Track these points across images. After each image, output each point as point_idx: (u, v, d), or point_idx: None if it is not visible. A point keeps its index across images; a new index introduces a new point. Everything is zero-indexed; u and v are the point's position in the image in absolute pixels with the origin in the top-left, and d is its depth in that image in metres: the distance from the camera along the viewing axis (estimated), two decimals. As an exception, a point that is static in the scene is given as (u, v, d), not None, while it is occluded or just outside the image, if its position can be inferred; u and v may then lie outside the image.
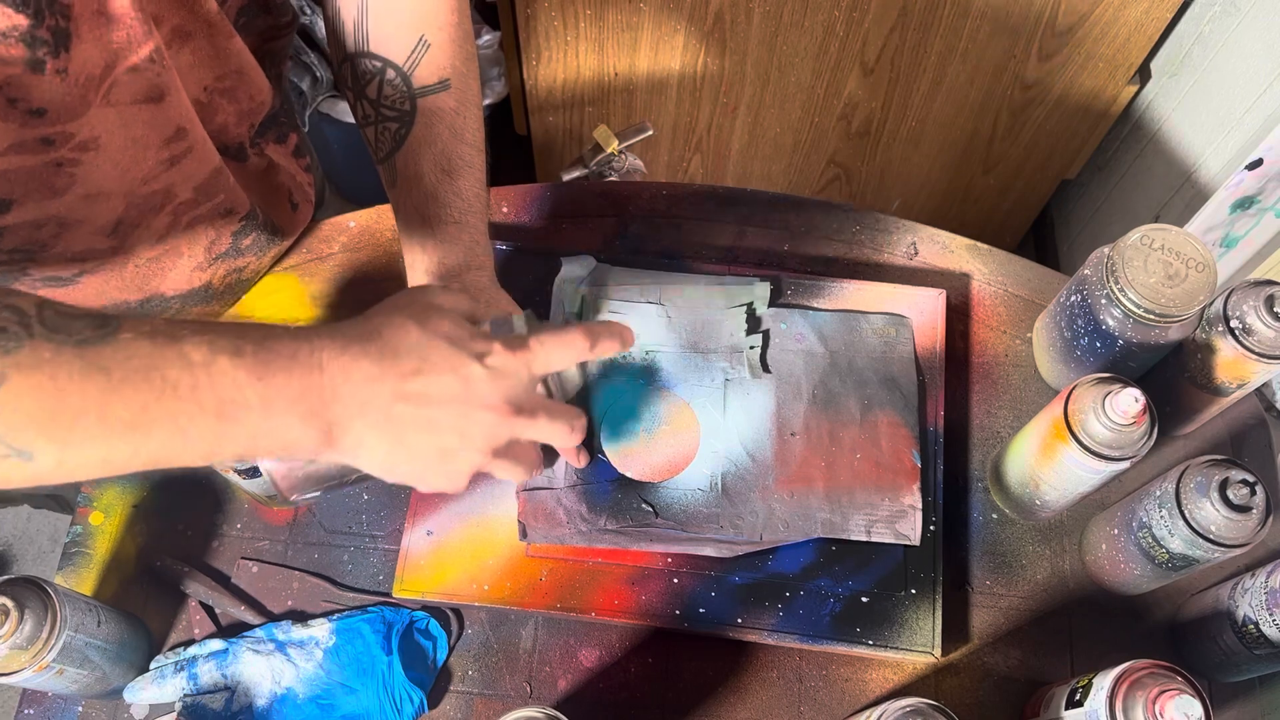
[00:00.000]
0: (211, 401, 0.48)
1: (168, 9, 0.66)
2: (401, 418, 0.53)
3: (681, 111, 1.58)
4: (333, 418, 0.51)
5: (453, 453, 0.56)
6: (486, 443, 0.56)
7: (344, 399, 0.51)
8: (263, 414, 0.49)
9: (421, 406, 0.53)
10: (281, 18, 0.85)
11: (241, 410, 0.48)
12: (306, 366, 0.50)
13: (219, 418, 0.48)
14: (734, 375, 0.84)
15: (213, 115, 0.76)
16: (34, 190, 0.63)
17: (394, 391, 0.53)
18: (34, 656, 0.64)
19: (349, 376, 0.51)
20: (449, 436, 0.55)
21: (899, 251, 0.93)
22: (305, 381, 0.50)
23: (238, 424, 0.49)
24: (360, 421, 0.52)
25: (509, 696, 0.77)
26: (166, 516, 0.82)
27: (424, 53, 0.73)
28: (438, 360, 0.54)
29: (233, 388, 0.48)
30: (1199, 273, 0.73)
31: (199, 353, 0.47)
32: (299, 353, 0.50)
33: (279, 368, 0.49)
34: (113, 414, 0.46)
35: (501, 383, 0.55)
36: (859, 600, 0.77)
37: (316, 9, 1.55)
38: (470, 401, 0.54)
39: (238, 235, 0.82)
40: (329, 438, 0.52)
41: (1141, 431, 0.69)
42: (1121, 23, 1.37)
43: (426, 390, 0.53)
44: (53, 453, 0.46)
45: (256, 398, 0.49)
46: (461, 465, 0.57)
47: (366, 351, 0.52)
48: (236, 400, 0.48)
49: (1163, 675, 0.63)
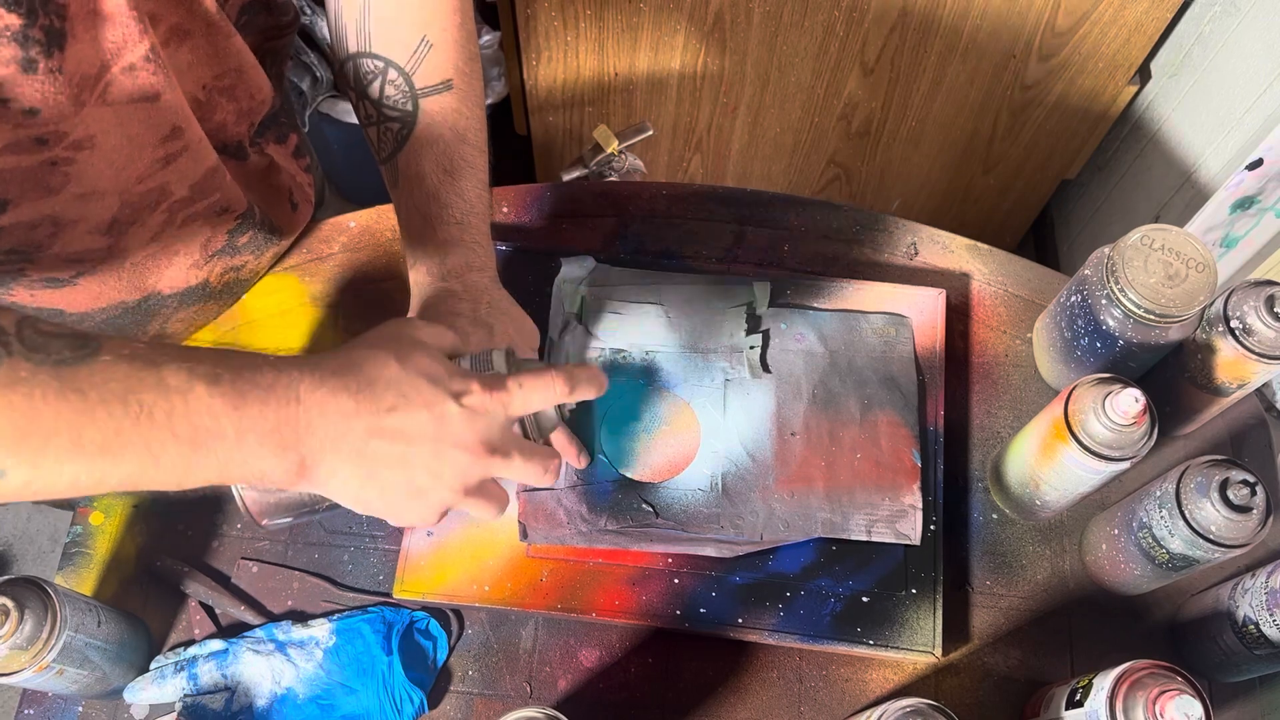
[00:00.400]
0: (186, 429, 0.48)
1: (165, 7, 0.66)
2: (375, 454, 0.53)
3: (681, 111, 1.58)
4: (306, 451, 0.51)
5: (424, 490, 0.56)
6: (459, 481, 0.57)
7: (319, 433, 0.51)
8: (236, 444, 0.49)
9: (396, 443, 0.53)
10: (283, 17, 0.85)
11: (215, 439, 0.48)
12: (283, 398, 0.50)
13: (192, 446, 0.48)
14: (734, 375, 0.84)
15: (212, 113, 0.76)
16: (29, 190, 0.63)
17: (369, 427, 0.53)
18: (34, 657, 0.64)
19: (325, 410, 0.51)
20: (421, 474, 0.55)
21: (899, 251, 0.93)
22: (281, 414, 0.50)
23: (210, 453, 0.49)
24: (334, 456, 0.52)
25: (509, 696, 0.77)
26: (166, 516, 0.82)
27: (426, 53, 0.73)
28: (415, 398, 0.54)
29: (208, 416, 0.48)
30: (1199, 273, 0.73)
31: (176, 379, 0.47)
32: (277, 384, 0.50)
33: (255, 398, 0.49)
34: (86, 436, 0.46)
35: (477, 422, 0.56)
36: (859, 600, 0.77)
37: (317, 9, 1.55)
38: (444, 440, 0.55)
39: (234, 233, 0.81)
40: (301, 470, 0.52)
41: (1141, 432, 0.69)
42: (1121, 23, 1.36)
43: (402, 427, 0.53)
44: (23, 472, 0.46)
45: (231, 427, 0.49)
46: (432, 502, 0.57)
47: (345, 386, 0.52)
48: (211, 429, 0.48)
49: (1163, 675, 0.63)
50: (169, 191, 0.73)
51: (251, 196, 0.83)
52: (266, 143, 0.85)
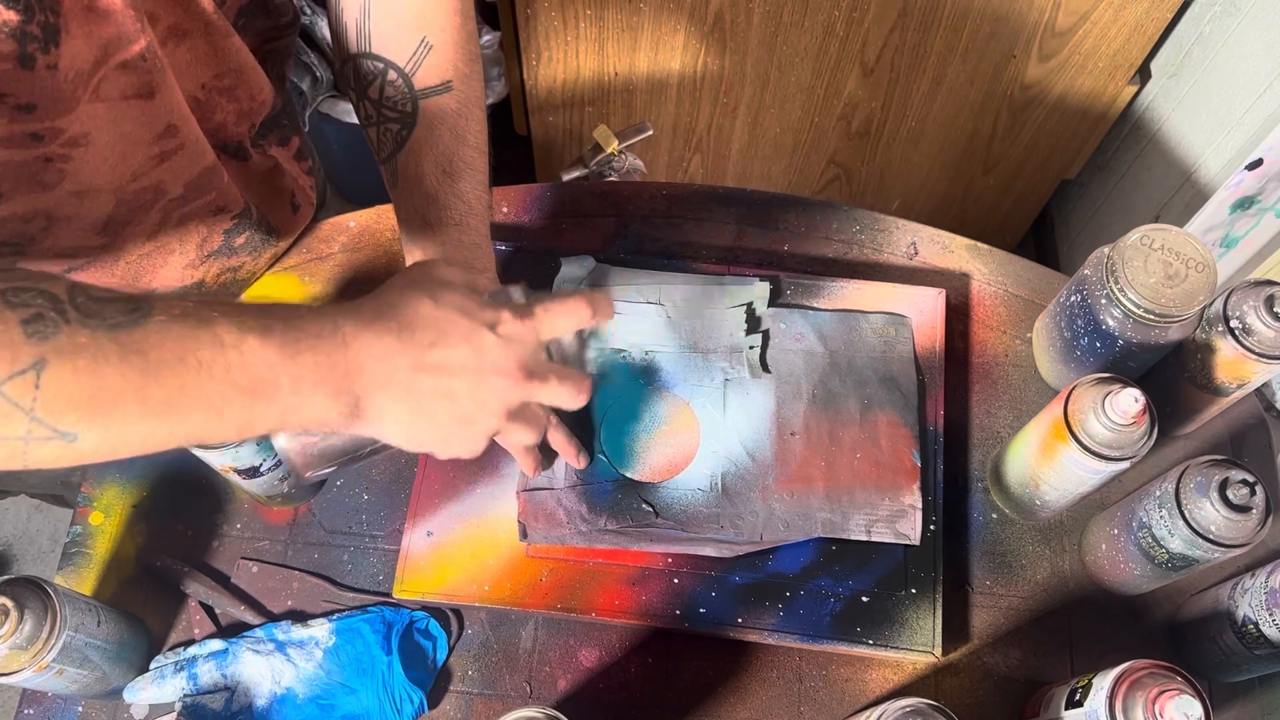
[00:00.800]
0: (245, 381, 0.49)
1: (163, 7, 0.66)
2: (422, 388, 0.55)
3: (681, 111, 1.58)
4: (359, 391, 0.53)
5: (471, 418, 0.58)
6: (501, 406, 0.59)
7: (368, 373, 0.53)
8: (293, 391, 0.51)
9: (440, 376, 0.56)
10: (281, 18, 0.85)
11: (273, 389, 0.50)
12: (332, 344, 0.52)
13: (252, 397, 0.50)
14: (734, 375, 0.84)
15: (211, 113, 0.76)
16: (22, 184, 0.63)
17: (414, 363, 0.55)
18: (34, 656, 0.64)
19: (372, 352, 0.53)
20: (467, 403, 0.57)
21: (899, 251, 0.93)
22: (332, 359, 0.52)
23: (270, 402, 0.50)
24: (384, 394, 0.54)
25: (509, 696, 0.77)
26: (166, 516, 0.82)
27: (426, 54, 0.73)
28: (453, 332, 0.56)
29: (264, 367, 0.50)
30: (1199, 273, 0.73)
31: (230, 334, 0.49)
32: (324, 331, 0.52)
33: (306, 346, 0.51)
34: (151, 396, 0.47)
35: (513, 349, 0.58)
36: (859, 600, 0.77)
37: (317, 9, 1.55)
38: (484, 369, 0.57)
39: (230, 233, 0.81)
40: (355, 411, 0.54)
41: (1141, 431, 0.69)
42: (1121, 23, 1.37)
43: (444, 361, 0.56)
44: (95, 434, 0.47)
45: (287, 376, 0.50)
46: (479, 429, 0.59)
47: (387, 327, 0.54)
48: (268, 379, 0.50)
49: (1163, 675, 0.63)
50: (164, 190, 0.73)
51: (252, 197, 0.83)
52: (269, 145, 0.85)
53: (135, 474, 0.83)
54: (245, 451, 0.71)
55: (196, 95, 0.73)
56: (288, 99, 0.88)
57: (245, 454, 0.71)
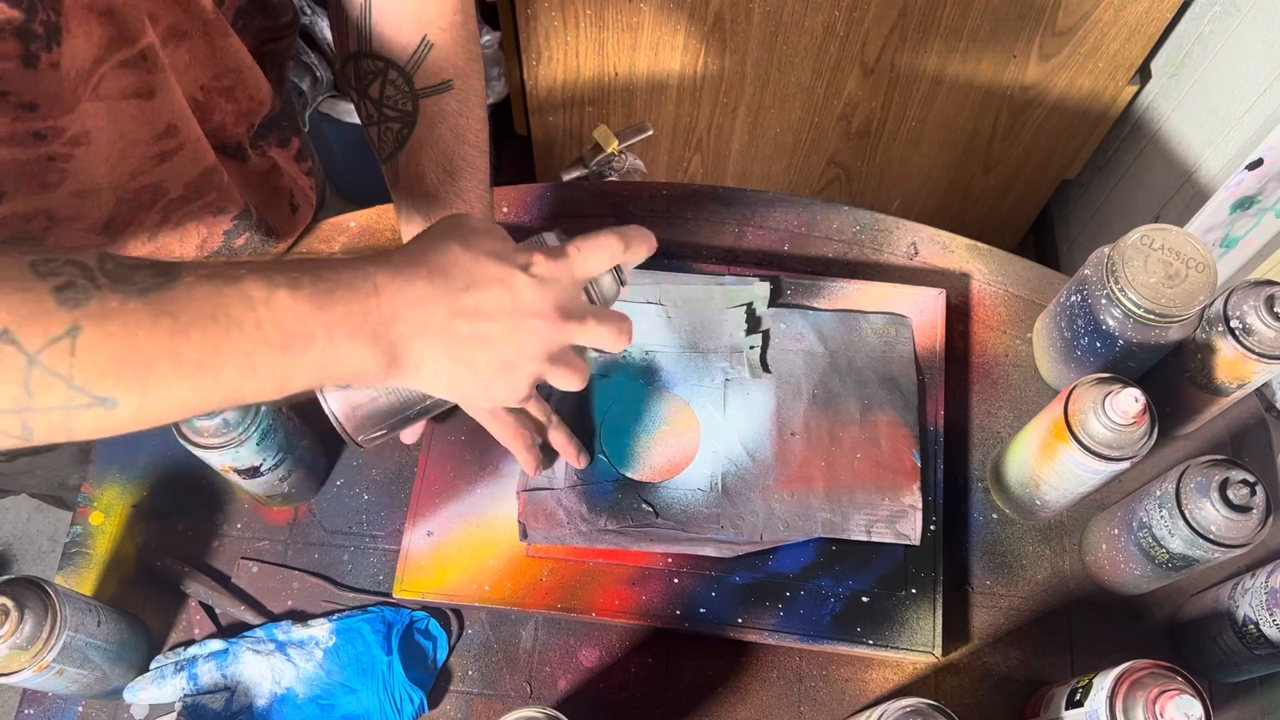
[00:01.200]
0: (277, 336, 0.48)
1: (162, 8, 0.66)
2: (459, 334, 0.54)
3: (681, 111, 1.58)
4: (395, 339, 0.52)
5: (512, 363, 0.57)
6: (542, 349, 0.58)
7: (403, 320, 0.53)
8: (328, 342, 0.50)
9: (477, 320, 0.55)
10: (280, 19, 0.85)
11: (306, 341, 0.49)
12: (364, 292, 0.51)
13: (286, 351, 0.49)
14: (734, 375, 0.84)
15: (210, 114, 0.76)
16: (25, 184, 0.63)
17: (449, 309, 0.54)
18: (34, 656, 0.64)
19: (406, 298, 0.52)
20: (506, 347, 0.56)
21: (899, 251, 0.93)
22: (364, 306, 0.51)
23: (304, 355, 0.50)
24: (420, 341, 0.53)
25: (509, 696, 0.77)
26: (166, 516, 0.82)
27: (426, 53, 0.73)
28: (486, 275, 0.55)
29: (295, 320, 0.49)
30: (1199, 273, 0.73)
31: (259, 290, 0.48)
32: (355, 280, 0.51)
33: (338, 297, 0.50)
34: (185, 357, 0.47)
35: (548, 290, 0.57)
36: (859, 600, 0.77)
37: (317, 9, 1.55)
38: (521, 311, 0.56)
39: (230, 235, 0.81)
40: (393, 360, 0.53)
41: (1141, 431, 0.69)
42: (1121, 23, 1.37)
43: (479, 305, 0.55)
44: (133, 399, 0.47)
45: (320, 327, 0.50)
46: (522, 375, 0.58)
47: (418, 273, 0.53)
48: (301, 332, 0.49)
49: (1163, 675, 0.63)
50: (164, 190, 0.73)
51: (251, 198, 0.83)
52: (269, 145, 0.85)
53: (135, 474, 0.83)
54: (245, 451, 0.71)
55: (195, 96, 0.73)
56: (287, 100, 0.88)
57: (245, 454, 0.71)
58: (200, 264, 0.49)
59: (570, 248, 0.59)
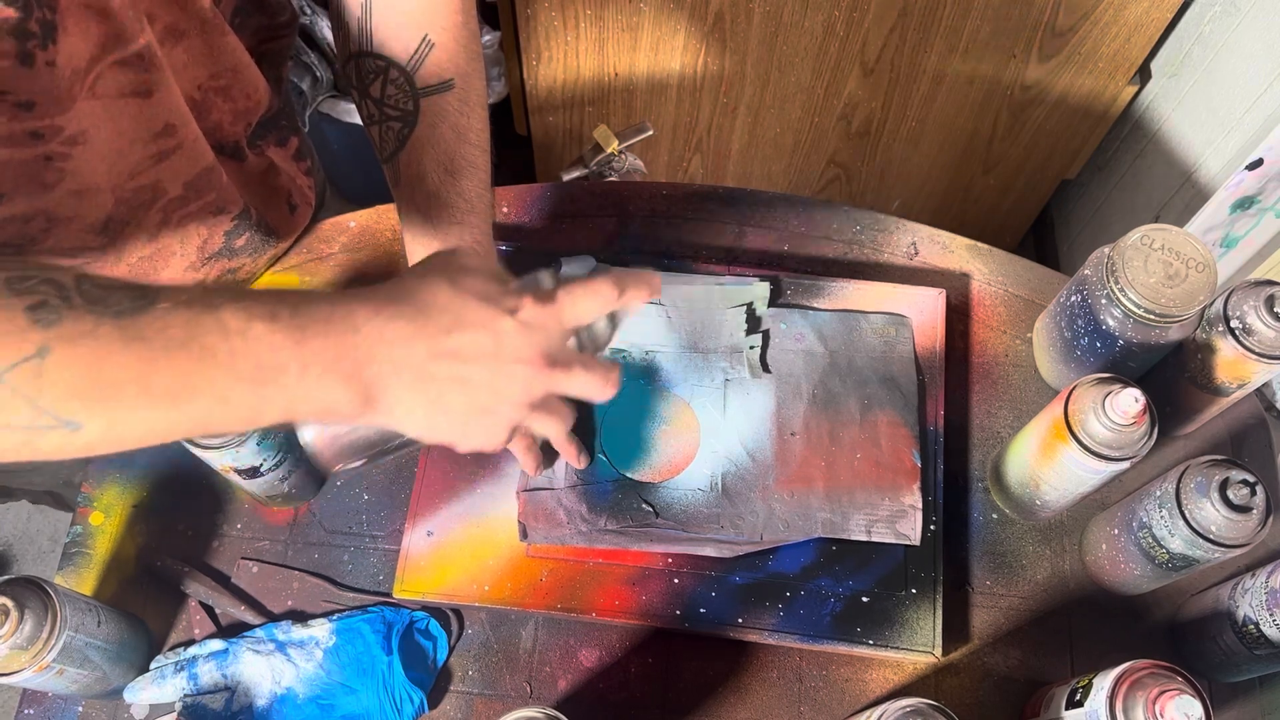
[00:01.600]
0: (249, 367, 0.48)
1: (160, 7, 0.66)
2: (437, 375, 0.54)
3: (681, 111, 1.58)
4: (370, 378, 0.52)
5: (490, 408, 0.56)
6: (523, 396, 0.57)
7: (380, 359, 0.52)
8: (300, 377, 0.49)
9: (457, 363, 0.54)
10: (278, 17, 0.85)
11: (279, 374, 0.49)
12: (342, 328, 0.51)
13: (258, 383, 0.48)
14: (734, 375, 0.84)
15: (207, 113, 0.76)
16: (23, 184, 0.63)
17: (429, 350, 0.53)
18: (34, 656, 0.64)
19: (384, 336, 0.52)
20: (485, 392, 0.55)
21: (899, 251, 0.93)
22: (341, 343, 0.51)
23: (276, 388, 0.49)
24: (397, 381, 0.53)
25: (509, 696, 0.77)
26: (166, 516, 0.82)
27: (427, 52, 0.73)
28: (470, 317, 0.54)
29: (269, 352, 0.48)
30: (1199, 273, 0.73)
31: (236, 319, 0.48)
32: (334, 315, 0.51)
33: (315, 331, 0.50)
34: (154, 383, 0.46)
35: (534, 336, 0.56)
36: (859, 600, 0.77)
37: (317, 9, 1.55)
38: (503, 356, 0.55)
39: (230, 235, 0.81)
40: (367, 399, 0.52)
41: (1141, 431, 0.69)
42: (1121, 23, 1.37)
43: (460, 347, 0.54)
44: (99, 423, 0.46)
45: (294, 361, 0.49)
46: (500, 420, 0.57)
47: (401, 312, 0.53)
48: (274, 365, 0.49)
49: (1163, 675, 0.63)
50: (162, 189, 0.73)
51: (249, 198, 0.82)
52: (266, 145, 0.85)
53: (135, 474, 0.83)
54: (245, 451, 0.71)
55: (193, 95, 0.73)
56: (286, 99, 0.88)
57: (245, 454, 0.71)
58: (180, 289, 0.48)
59: (561, 293, 0.58)
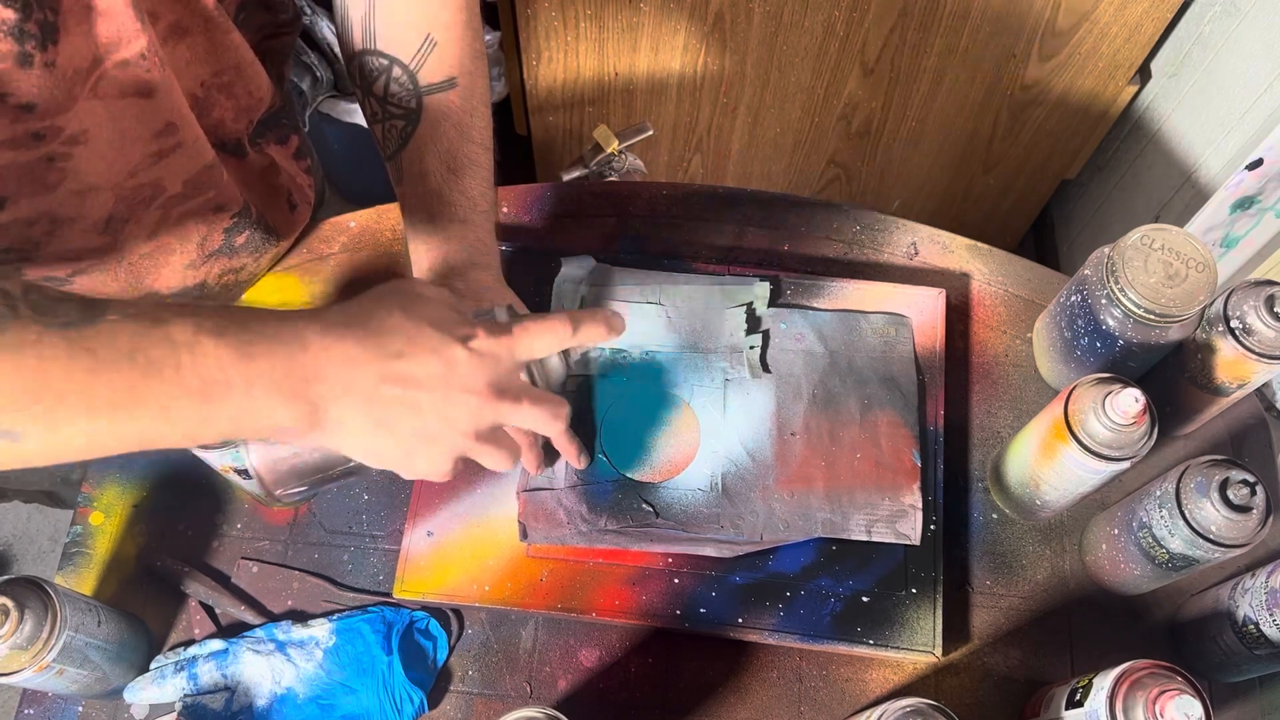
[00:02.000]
0: (195, 382, 0.48)
1: (164, 4, 0.66)
2: (384, 399, 0.53)
3: (681, 111, 1.58)
4: (315, 397, 0.51)
5: (436, 437, 0.56)
6: (470, 425, 0.57)
7: (328, 379, 0.52)
8: (245, 394, 0.49)
9: (406, 388, 0.54)
10: (281, 15, 0.85)
11: (224, 390, 0.49)
12: (290, 347, 0.50)
13: (202, 399, 0.48)
14: (734, 375, 0.84)
15: (210, 110, 0.76)
16: (26, 186, 0.63)
17: (378, 373, 0.53)
18: (34, 656, 0.64)
19: (332, 357, 0.52)
20: (431, 420, 0.55)
21: (899, 251, 0.93)
22: (289, 362, 0.50)
23: (221, 405, 0.49)
24: (343, 402, 0.52)
25: (509, 696, 0.77)
26: (166, 516, 0.82)
27: (431, 51, 0.73)
28: (422, 343, 0.54)
29: (215, 368, 0.48)
30: (1199, 273, 0.73)
31: (183, 334, 0.48)
32: (282, 333, 0.51)
33: (262, 348, 0.49)
34: (97, 395, 0.46)
35: (485, 366, 0.56)
36: (859, 600, 0.77)
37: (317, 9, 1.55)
38: (453, 385, 0.55)
39: (230, 232, 0.81)
40: (313, 418, 0.52)
41: (1141, 431, 0.69)
42: (1121, 23, 1.37)
43: (410, 372, 0.54)
44: (39, 433, 0.46)
45: (239, 378, 0.49)
46: (444, 449, 0.57)
47: (351, 333, 0.53)
48: (219, 380, 0.48)
49: (1163, 675, 0.63)
50: (163, 187, 0.73)
51: (249, 195, 0.82)
52: (267, 143, 0.85)
53: (135, 474, 0.83)
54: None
55: (195, 92, 0.73)
56: (287, 98, 0.88)
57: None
58: (130, 303, 0.48)
59: (517, 328, 0.58)
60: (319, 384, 0.51)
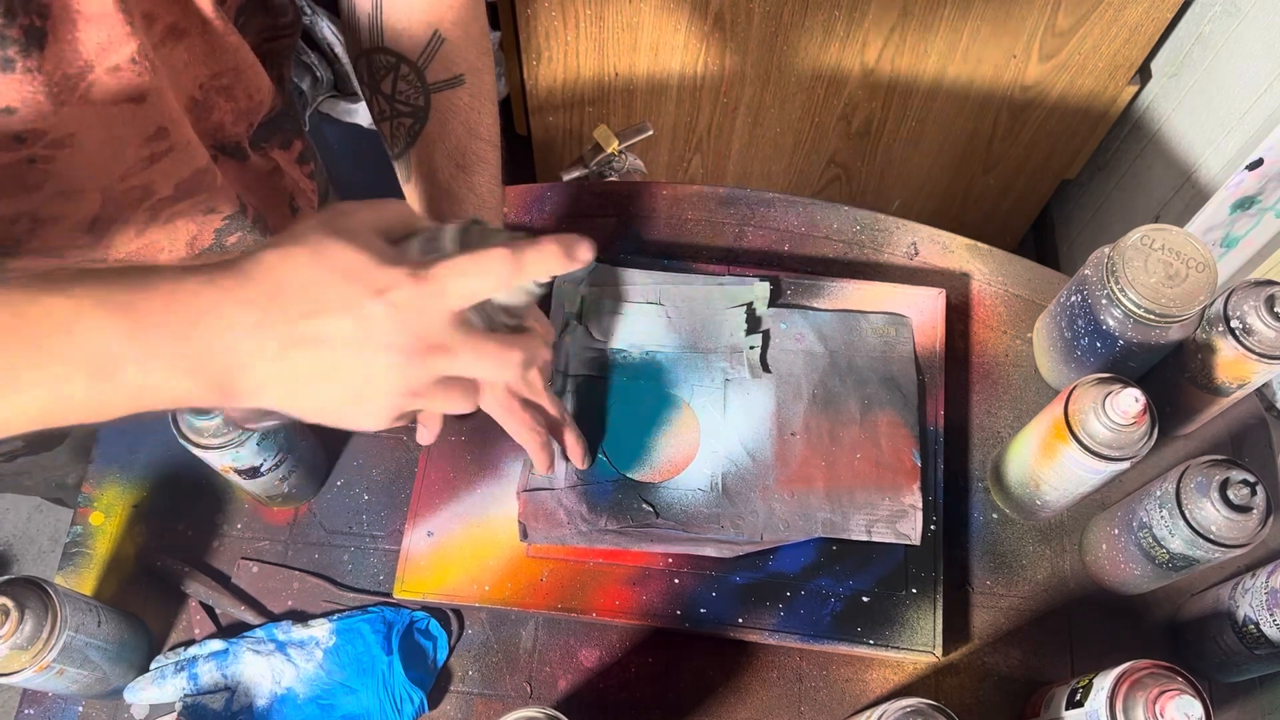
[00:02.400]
0: (83, 358, 0.44)
1: (161, 7, 0.65)
2: (297, 364, 0.48)
3: (681, 111, 1.58)
4: (219, 370, 0.47)
5: (364, 397, 0.51)
6: (400, 385, 0.51)
7: (229, 350, 0.47)
8: (141, 371, 0.45)
9: (317, 350, 0.48)
10: (281, 17, 0.84)
11: (118, 367, 0.45)
12: (182, 319, 0.46)
13: (95, 377, 0.45)
14: (734, 375, 0.84)
15: (209, 113, 0.76)
16: (6, 186, 0.63)
17: (283, 338, 0.47)
18: (34, 656, 0.64)
19: (231, 326, 0.46)
20: (353, 379, 0.49)
21: (899, 251, 0.93)
22: (182, 335, 0.46)
23: (116, 383, 0.45)
24: (251, 372, 0.48)
25: (509, 696, 0.77)
26: (166, 516, 0.82)
27: (438, 48, 0.73)
28: (330, 299, 0.48)
29: (102, 344, 0.44)
30: (1199, 273, 0.73)
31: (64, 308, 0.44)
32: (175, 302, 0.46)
33: (152, 320, 0.45)
34: None
35: (408, 320, 0.49)
36: (859, 600, 0.77)
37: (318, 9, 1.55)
38: (369, 344, 0.48)
39: (221, 233, 0.81)
40: (224, 390, 0.48)
41: (1141, 431, 0.69)
42: (1121, 23, 1.37)
43: (319, 333, 0.48)
44: None
45: (132, 354, 0.45)
46: (378, 408, 0.52)
47: (248, 296, 0.47)
48: (110, 356, 0.44)
49: (1163, 675, 0.63)
50: (153, 190, 0.73)
51: (250, 198, 0.82)
52: (270, 147, 0.84)
53: (135, 474, 0.83)
54: (245, 451, 0.71)
55: (194, 95, 0.73)
56: (290, 102, 0.88)
57: (245, 454, 0.71)
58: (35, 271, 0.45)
59: (440, 269, 0.49)
60: (220, 357, 0.46)
